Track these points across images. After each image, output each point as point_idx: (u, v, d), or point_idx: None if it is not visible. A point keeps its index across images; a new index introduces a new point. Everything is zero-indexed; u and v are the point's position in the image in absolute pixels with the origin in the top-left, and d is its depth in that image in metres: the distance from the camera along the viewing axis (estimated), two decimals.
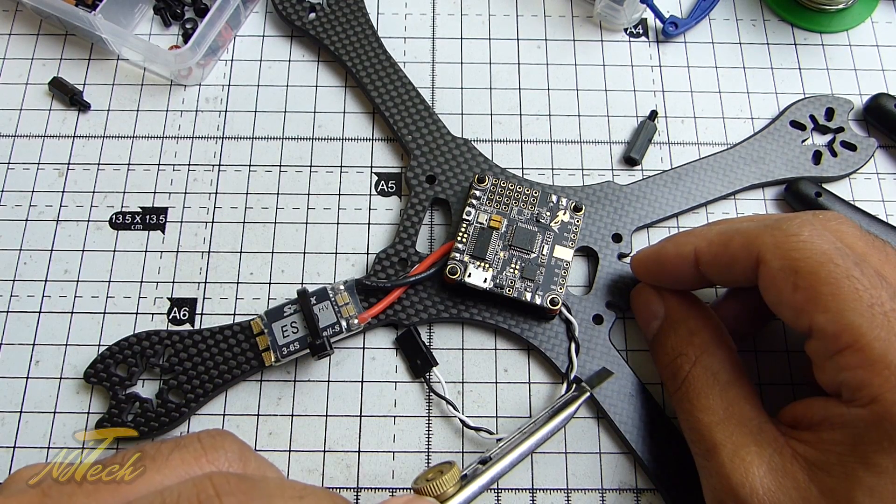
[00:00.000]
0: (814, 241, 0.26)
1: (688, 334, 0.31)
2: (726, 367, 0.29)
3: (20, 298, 0.36)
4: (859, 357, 0.24)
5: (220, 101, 0.40)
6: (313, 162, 0.39)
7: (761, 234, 0.27)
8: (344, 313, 0.33)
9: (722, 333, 0.31)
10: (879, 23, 0.43)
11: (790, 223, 0.27)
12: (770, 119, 0.40)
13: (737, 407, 0.28)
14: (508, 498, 0.33)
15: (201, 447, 0.21)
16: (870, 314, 0.24)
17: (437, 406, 0.35)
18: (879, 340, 0.24)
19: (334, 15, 0.41)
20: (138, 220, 0.38)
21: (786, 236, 0.27)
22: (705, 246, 0.30)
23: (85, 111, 0.40)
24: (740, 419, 0.28)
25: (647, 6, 0.41)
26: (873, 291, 0.25)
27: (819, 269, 0.25)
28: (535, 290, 0.34)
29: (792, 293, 0.26)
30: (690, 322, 0.31)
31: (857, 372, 0.24)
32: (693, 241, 0.30)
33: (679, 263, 0.31)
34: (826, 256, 0.25)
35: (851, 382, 0.25)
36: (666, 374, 0.31)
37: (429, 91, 0.41)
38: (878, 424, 0.24)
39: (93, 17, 0.38)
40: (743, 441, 0.27)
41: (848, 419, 0.25)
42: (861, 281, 0.25)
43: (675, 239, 0.32)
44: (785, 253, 0.26)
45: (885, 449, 0.24)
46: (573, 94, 0.41)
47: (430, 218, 0.38)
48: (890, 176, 0.39)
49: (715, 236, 0.30)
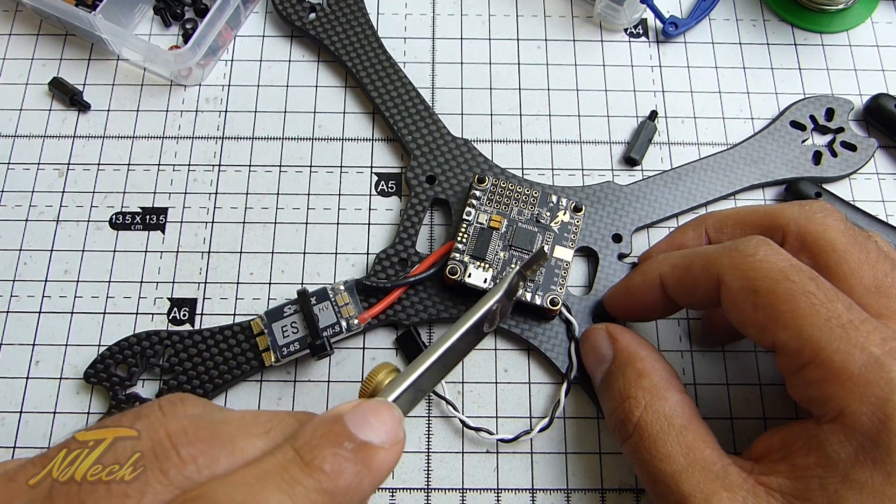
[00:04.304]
0: (769, 259, 0.26)
1: (636, 377, 0.29)
2: (678, 410, 0.28)
3: (20, 298, 0.36)
4: (822, 371, 0.24)
5: (220, 101, 0.40)
6: (313, 162, 0.39)
7: (720, 256, 0.28)
8: (344, 313, 0.33)
9: (672, 375, 0.30)
10: (879, 23, 0.43)
11: (746, 244, 0.27)
12: (770, 119, 0.40)
13: (697, 452, 0.27)
14: (508, 498, 0.33)
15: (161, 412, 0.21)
16: (827, 328, 0.24)
17: (437, 406, 0.35)
18: (839, 353, 0.24)
19: (334, 15, 0.41)
20: (138, 221, 0.38)
21: (742, 257, 0.27)
22: (668, 271, 0.30)
23: (85, 111, 0.40)
24: (703, 465, 0.26)
25: (647, 6, 0.41)
26: (829, 305, 0.25)
27: (775, 287, 0.25)
28: (535, 290, 0.34)
29: (753, 312, 0.26)
30: (638, 364, 0.30)
31: (822, 386, 0.24)
32: (657, 268, 0.31)
33: (647, 291, 0.31)
34: (782, 274, 0.26)
35: (818, 397, 0.25)
36: (614, 421, 0.30)
37: (429, 91, 0.41)
38: (850, 437, 0.24)
39: (93, 17, 0.38)
40: (712, 488, 0.25)
41: (820, 439, 0.25)
42: (817, 295, 0.25)
43: (641, 268, 0.32)
44: (743, 273, 0.27)
45: (862, 462, 0.23)
46: (573, 95, 0.41)
47: (430, 218, 0.38)
48: (890, 176, 0.39)
49: (678, 260, 0.30)
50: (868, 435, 0.23)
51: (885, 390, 0.23)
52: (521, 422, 0.34)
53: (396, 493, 0.33)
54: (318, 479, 0.20)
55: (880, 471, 0.23)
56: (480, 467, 0.33)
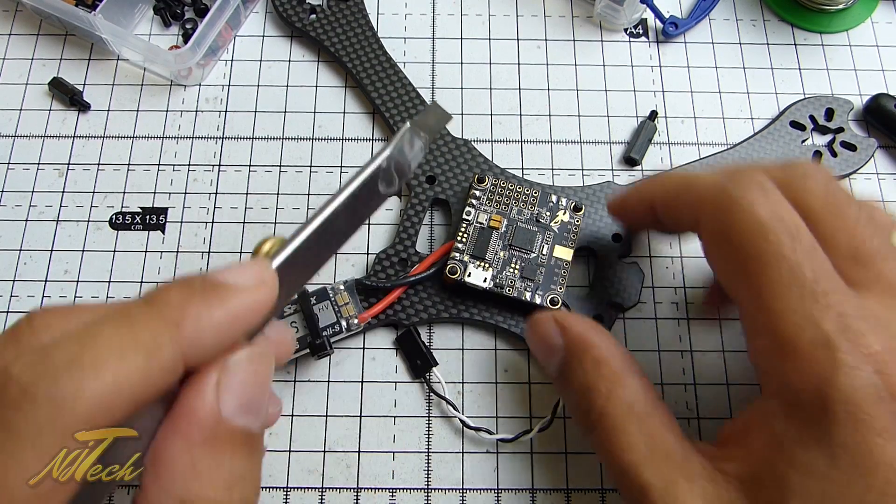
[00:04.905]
0: (753, 208, 0.24)
1: (594, 366, 0.27)
2: (640, 396, 0.27)
3: (20, 298, 0.36)
4: (770, 341, 0.23)
5: (220, 101, 0.40)
6: (313, 162, 0.39)
7: (707, 193, 0.26)
8: (344, 313, 0.33)
9: (631, 360, 0.28)
10: (879, 23, 0.43)
11: (737, 183, 0.25)
12: (770, 119, 0.40)
13: (658, 440, 0.25)
14: (508, 498, 0.33)
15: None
16: (787, 297, 0.23)
17: (437, 406, 0.35)
18: (791, 325, 0.23)
19: (334, 16, 0.41)
20: (138, 220, 0.38)
21: (728, 200, 0.25)
22: (660, 196, 0.29)
23: (85, 111, 0.40)
24: (665, 454, 0.25)
25: (647, 6, 0.41)
26: (797, 270, 0.23)
27: (749, 242, 0.24)
28: (535, 290, 0.34)
29: (723, 262, 0.25)
30: (595, 352, 0.28)
31: (769, 357, 0.23)
32: (652, 190, 0.30)
33: (641, 210, 0.31)
34: (759, 229, 0.24)
35: (764, 367, 0.24)
36: (578, 414, 0.28)
37: (429, 91, 0.41)
38: (792, 416, 0.23)
39: (93, 17, 0.38)
40: (672, 477, 0.24)
41: (767, 417, 0.24)
42: (788, 259, 0.23)
43: (641, 186, 0.32)
44: (721, 219, 0.25)
45: (806, 443, 0.22)
46: (573, 95, 0.41)
47: (430, 218, 0.38)
48: (890, 176, 0.39)
49: (670, 187, 0.29)
50: (811, 415, 0.22)
51: (829, 371, 0.22)
52: (521, 422, 0.34)
53: (396, 493, 0.33)
54: (160, 310, 0.19)
55: (824, 453, 0.22)
56: (480, 467, 0.33)
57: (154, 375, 0.18)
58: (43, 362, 0.17)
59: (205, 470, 0.19)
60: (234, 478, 0.19)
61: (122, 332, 0.18)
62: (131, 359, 0.18)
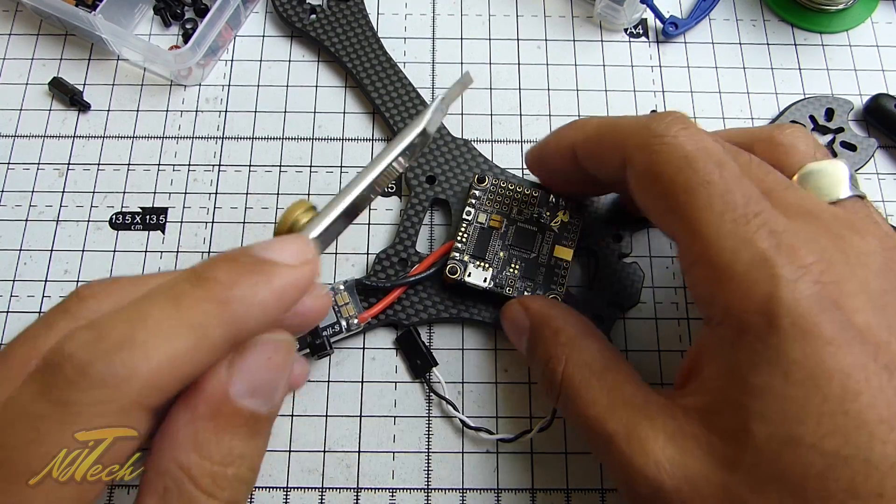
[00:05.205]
0: (678, 142, 0.24)
1: (553, 335, 0.29)
2: (597, 355, 0.28)
3: (20, 298, 0.36)
4: (708, 270, 0.23)
5: (220, 101, 0.40)
6: (313, 162, 0.39)
7: (632, 132, 0.26)
8: (344, 313, 0.33)
9: (587, 326, 0.30)
10: (879, 23, 0.43)
11: (660, 121, 0.25)
12: (770, 119, 0.40)
13: (618, 391, 0.26)
14: (508, 498, 0.33)
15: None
16: (719, 223, 0.23)
17: (437, 406, 0.35)
18: (726, 250, 0.23)
19: (334, 16, 0.41)
20: (138, 220, 0.38)
21: (652, 136, 0.25)
22: (582, 140, 0.29)
23: (85, 111, 0.40)
24: (625, 400, 0.26)
25: (647, 6, 0.41)
26: (727, 197, 0.23)
27: (677, 175, 0.24)
28: (535, 290, 0.34)
29: (654, 200, 0.25)
30: (553, 323, 0.30)
31: (708, 286, 0.23)
32: (572, 136, 0.30)
33: (560, 158, 0.30)
34: (686, 161, 0.24)
35: (705, 297, 0.24)
36: (545, 385, 0.29)
37: (429, 91, 0.41)
38: (740, 341, 0.22)
39: (93, 17, 0.38)
40: (633, 421, 0.25)
41: (715, 346, 0.23)
42: (717, 186, 0.23)
43: (559, 132, 0.31)
44: (647, 157, 0.25)
45: (757, 366, 0.22)
46: (573, 95, 0.41)
47: (430, 218, 0.38)
48: (890, 176, 0.39)
49: (592, 130, 0.29)
50: (758, 335, 0.22)
51: (769, 287, 0.22)
52: (521, 422, 0.34)
53: (396, 493, 0.33)
54: (209, 289, 0.19)
55: (777, 371, 0.22)
56: (480, 467, 0.33)
57: (202, 355, 0.19)
58: (97, 342, 0.18)
59: (204, 443, 0.19)
60: (232, 455, 0.20)
61: (172, 313, 0.19)
62: (181, 339, 0.18)
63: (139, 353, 0.18)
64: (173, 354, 0.18)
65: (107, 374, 0.17)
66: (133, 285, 0.22)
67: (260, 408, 0.20)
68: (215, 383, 0.19)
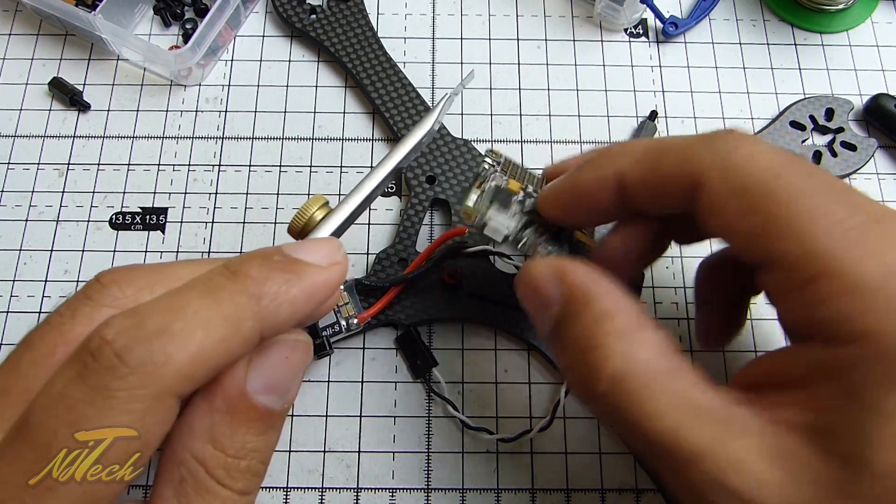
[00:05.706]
0: (761, 153, 0.22)
1: (598, 320, 0.23)
2: (659, 352, 0.22)
3: (20, 298, 0.36)
4: (836, 285, 0.20)
5: (220, 101, 0.40)
6: (313, 162, 0.39)
7: (698, 150, 0.23)
8: (343, 313, 0.33)
9: (642, 311, 0.24)
10: (879, 23, 0.43)
11: (726, 138, 0.23)
12: (770, 119, 0.40)
13: (692, 399, 0.21)
14: (508, 498, 0.33)
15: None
16: (834, 233, 0.20)
17: (438, 406, 0.35)
18: (853, 262, 0.20)
19: (334, 16, 0.41)
20: (138, 220, 0.38)
21: (727, 151, 0.22)
22: (631, 167, 0.25)
23: (85, 111, 0.40)
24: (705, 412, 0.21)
25: (647, 6, 0.41)
26: (830, 207, 0.21)
27: (771, 186, 0.21)
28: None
29: (740, 219, 0.22)
30: (599, 304, 0.23)
31: (836, 302, 0.20)
32: (616, 163, 0.25)
33: (599, 191, 0.26)
34: (773, 172, 0.22)
35: (831, 317, 0.21)
36: (576, 378, 0.23)
37: (429, 91, 0.41)
38: (877, 361, 0.20)
39: (93, 17, 0.38)
40: (721, 438, 0.21)
41: (839, 363, 0.21)
42: (818, 196, 0.21)
43: (593, 162, 0.26)
44: (729, 172, 0.22)
45: (891, 389, 0.19)
46: (573, 95, 0.41)
47: (430, 218, 0.38)
48: (890, 176, 0.39)
49: (642, 154, 0.25)
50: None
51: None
52: (521, 422, 0.34)
53: (396, 493, 0.33)
54: (244, 284, 0.20)
55: None
56: (480, 467, 0.33)
57: (235, 346, 0.19)
58: (137, 328, 0.18)
59: (220, 436, 0.20)
60: (246, 448, 0.20)
61: (209, 304, 0.19)
62: (216, 330, 0.19)
63: (178, 341, 0.18)
64: (208, 345, 0.19)
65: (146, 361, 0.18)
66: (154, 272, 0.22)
67: (274, 404, 0.21)
68: (233, 378, 0.20)
